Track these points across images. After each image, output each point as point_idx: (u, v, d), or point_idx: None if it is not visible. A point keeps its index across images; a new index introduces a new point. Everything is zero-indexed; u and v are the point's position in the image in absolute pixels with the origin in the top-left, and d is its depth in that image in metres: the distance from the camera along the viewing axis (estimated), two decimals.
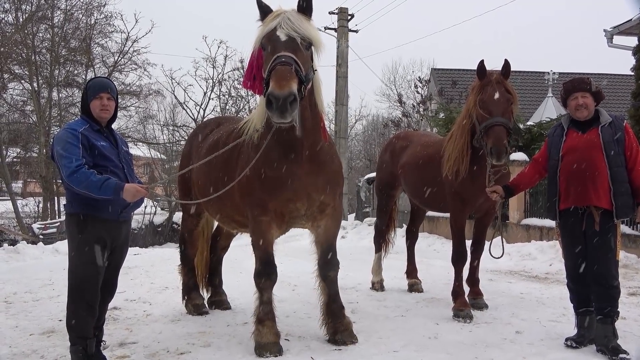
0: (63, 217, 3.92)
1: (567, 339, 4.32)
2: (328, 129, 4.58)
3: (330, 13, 19.40)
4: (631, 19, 11.85)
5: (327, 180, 4.26)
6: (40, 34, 22.65)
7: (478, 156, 5.15)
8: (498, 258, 5.32)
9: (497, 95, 4.86)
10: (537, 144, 12.09)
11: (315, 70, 3.92)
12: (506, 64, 4.99)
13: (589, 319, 4.26)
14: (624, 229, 8.55)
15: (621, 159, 4.13)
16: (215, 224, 5.78)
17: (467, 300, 5.40)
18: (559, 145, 4.33)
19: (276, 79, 3.42)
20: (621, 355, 3.97)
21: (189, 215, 5.61)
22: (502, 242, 5.23)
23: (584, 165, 4.15)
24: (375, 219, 7.52)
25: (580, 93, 4.25)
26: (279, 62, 3.50)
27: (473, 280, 5.79)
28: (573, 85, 4.31)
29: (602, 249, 4.11)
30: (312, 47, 3.82)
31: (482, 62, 5.01)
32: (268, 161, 4.06)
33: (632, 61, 11.86)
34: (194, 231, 5.60)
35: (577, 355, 4.12)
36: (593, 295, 4.19)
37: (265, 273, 4.21)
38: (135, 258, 9.45)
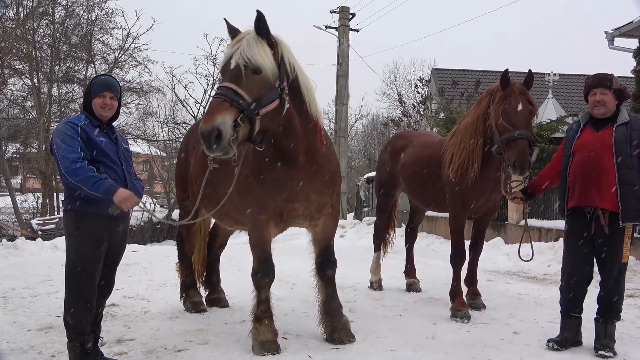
0: (62, 213, 3.91)
1: (549, 340, 4.29)
2: (328, 128, 4.57)
3: (332, 12, 19.40)
4: (632, 21, 11.84)
5: (325, 181, 4.26)
6: (41, 30, 22.68)
7: (487, 161, 5.12)
8: (527, 261, 5.28)
9: (520, 107, 4.75)
10: (536, 145, 12.04)
11: (282, 88, 3.63)
12: (529, 75, 4.87)
13: (574, 323, 4.24)
14: None
15: (633, 160, 3.98)
16: (213, 221, 5.77)
17: (465, 301, 5.40)
18: (571, 142, 4.24)
19: (204, 115, 3.49)
20: (619, 356, 3.97)
21: (186, 213, 5.59)
22: (531, 245, 5.21)
23: (591, 164, 4.04)
24: (374, 218, 7.51)
25: (600, 89, 4.12)
26: (214, 95, 3.55)
27: (471, 280, 5.79)
28: (594, 81, 4.19)
29: (608, 252, 4.05)
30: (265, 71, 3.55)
31: (506, 71, 4.86)
32: (264, 164, 4.06)
33: (633, 63, 11.87)
34: (191, 229, 5.58)
35: (574, 356, 4.11)
36: (598, 296, 4.17)
37: (263, 271, 4.20)
38: (134, 255, 9.45)
